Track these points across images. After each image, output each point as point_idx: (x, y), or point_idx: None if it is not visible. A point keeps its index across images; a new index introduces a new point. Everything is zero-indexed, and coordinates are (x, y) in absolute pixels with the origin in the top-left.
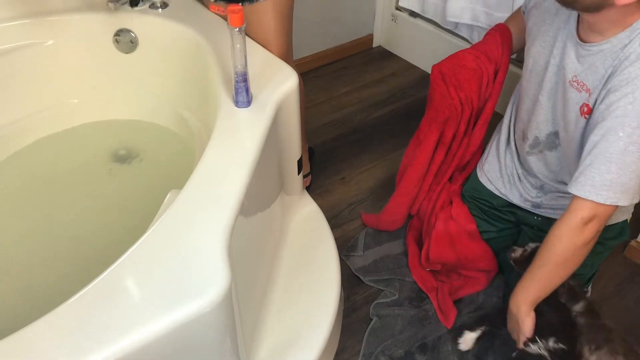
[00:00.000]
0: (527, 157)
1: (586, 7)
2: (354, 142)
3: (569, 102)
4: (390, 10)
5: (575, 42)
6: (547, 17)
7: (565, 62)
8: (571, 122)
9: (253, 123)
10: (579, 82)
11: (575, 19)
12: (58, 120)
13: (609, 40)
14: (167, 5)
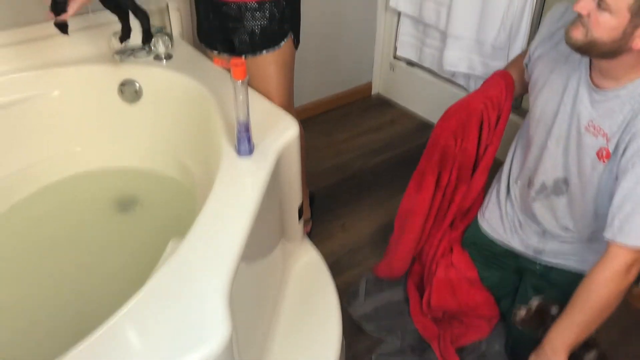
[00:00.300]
0: (532, 203)
1: (603, 53)
2: (354, 188)
3: (584, 147)
4: (388, 59)
5: (589, 88)
6: (555, 66)
7: (579, 108)
8: (586, 168)
9: (254, 172)
10: (595, 127)
11: (586, 65)
12: (61, 169)
13: (625, 86)
14: (172, 56)
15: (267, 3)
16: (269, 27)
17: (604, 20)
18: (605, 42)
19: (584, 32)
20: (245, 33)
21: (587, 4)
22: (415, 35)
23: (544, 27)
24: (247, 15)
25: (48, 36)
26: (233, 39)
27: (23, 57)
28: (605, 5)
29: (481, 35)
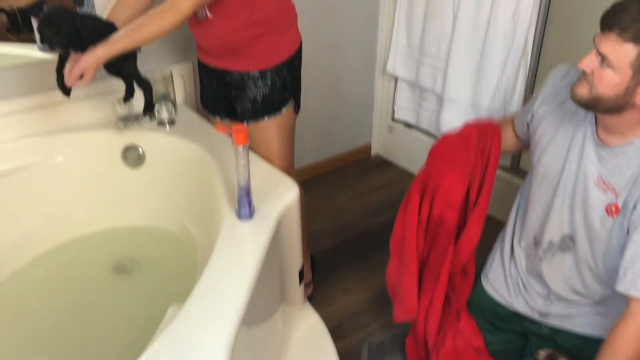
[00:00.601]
0: (540, 263)
1: (608, 108)
2: (355, 249)
3: (592, 203)
4: (386, 121)
5: (595, 144)
6: (560, 124)
7: (586, 164)
8: (595, 223)
9: (255, 236)
10: (605, 183)
11: (591, 121)
12: (62, 233)
13: (632, 142)
14: (175, 122)
15: (268, 72)
16: (270, 94)
17: (607, 77)
18: (610, 98)
19: (588, 89)
20: (247, 101)
21: (590, 62)
22: (412, 98)
23: (547, 87)
24: (250, 83)
25: (54, 104)
26: (236, 106)
27: (29, 124)
28: (608, 63)
29: (477, 99)
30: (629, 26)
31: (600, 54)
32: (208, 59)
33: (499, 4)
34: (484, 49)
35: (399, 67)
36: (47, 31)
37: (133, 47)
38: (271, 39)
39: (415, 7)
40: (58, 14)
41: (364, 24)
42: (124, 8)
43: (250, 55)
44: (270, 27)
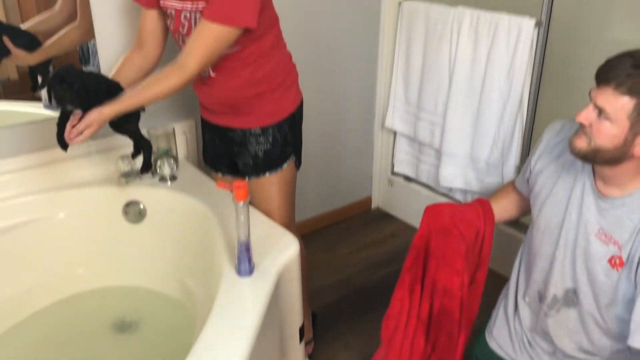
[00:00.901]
0: (546, 319)
1: (607, 160)
2: (356, 305)
3: (593, 256)
4: (386, 175)
5: (595, 196)
6: (558, 177)
7: (586, 216)
8: (598, 276)
9: (254, 293)
10: (606, 235)
11: (589, 173)
12: (62, 289)
13: (631, 193)
14: (176, 178)
15: (270, 128)
16: (271, 150)
17: (606, 129)
18: (608, 149)
19: (587, 141)
20: (249, 157)
21: (588, 115)
22: (412, 152)
23: (543, 141)
24: (252, 140)
25: (56, 161)
26: (237, 162)
27: (32, 181)
28: (605, 115)
29: (475, 153)
30: (625, 80)
31: (597, 107)
32: (211, 116)
33: (494, 61)
34: (481, 104)
35: (398, 122)
36: (59, 88)
37: (140, 106)
38: (273, 97)
39: (412, 64)
40: (68, 71)
41: (363, 81)
42: (130, 68)
43: (252, 113)
44: (272, 86)
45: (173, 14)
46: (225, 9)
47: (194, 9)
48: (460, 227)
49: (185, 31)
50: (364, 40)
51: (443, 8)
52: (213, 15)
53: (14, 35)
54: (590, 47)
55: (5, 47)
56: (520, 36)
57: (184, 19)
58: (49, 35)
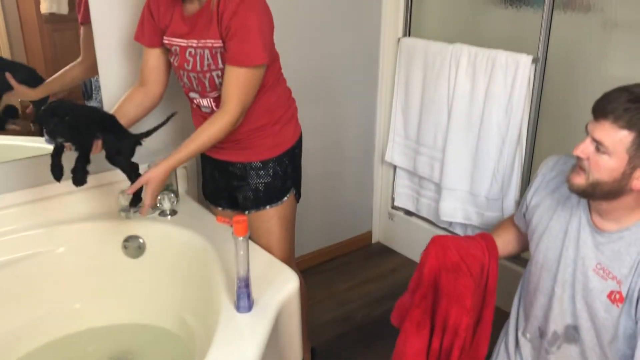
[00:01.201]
0: (547, 356)
1: (606, 194)
2: (357, 341)
3: (592, 291)
4: (386, 209)
5: (591, 230)
6: (553, 212)
7: (584, 251)
8: (598, 311)
9: (253, 329)
10: (604, 270)
11: (585, 208)
12: (60, 326)
13: (628, 227)
14: (176, 212)
15: (270, 162)
16: (272, 184)
17: (604, 162)
18: (607, 182)
19: (585, 177)
20: (249, 190)
21: (586, 148)
22: (412, 186)
23: (538, 177)
24: (252, 173)
25: (56, 195)
26: (237, 196)
27: (33, 215)
28: (604, 149)
29: (474, 187)
30: (623, 114)
31: (595, 140)
32: (211, 151)
33: (492, 97)
34: (480, 139)
35: (397, 156)
36: (50, 121)
37: (192, 156)
38: (273, 130)
39: (411, 99)
40: (59, 105)
41: (363, 115)
42: (130, 104)
43: (252, 147)
44: (272, 120)
45: (178, 50)
46: (241, 53)
47: (200, 46)
48: (467, 263)
49: (190, 67)
50: (364, 75)
51: (441, 45)
52: (234, 61)
53: (16, 70)
54: (586, 83)
55: (7, 82)
56: (517, 72)
57: (188, 56)
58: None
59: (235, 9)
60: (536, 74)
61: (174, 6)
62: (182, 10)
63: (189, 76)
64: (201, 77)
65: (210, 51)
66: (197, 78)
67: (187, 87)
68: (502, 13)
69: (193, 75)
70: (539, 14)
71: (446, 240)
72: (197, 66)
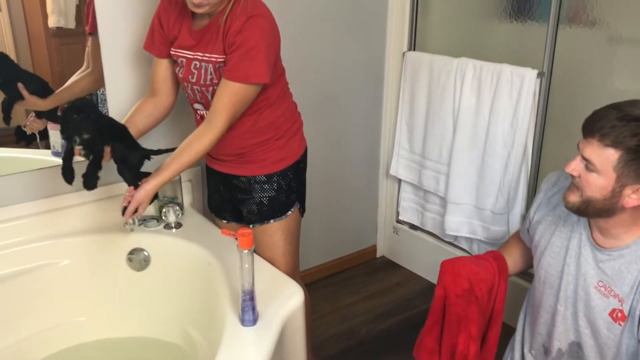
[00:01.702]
0: None
1: (599, 211)
2: (361, 356)
3: (594, 308)
4: (391, 223)
5: (592, 248)
6: (555, 229)
7: (585, 268)
8: (601, 329)
9: (258, 343)
10: (606, 288)
11: (585, 225)
12: (63, 338)
13: (628, 245)
14: (181, 225)
15: (274, 176)
16: (276, 198)
17: (593, 180)
18: (598, 200)
19: (579, 194)
20: (254, 204)
21: (576, 166)
22: (417, 200)
23: (541, 193)
24: (256, 187)
25: (61, 208)
26: (242, 209)
27: (38, 227)
28: (592, 167)
29: (480, 201)
30: (609, 132)
31: (584, 158)
32: (215, 165)
33: (497, 111)
34: (485, 153)
35: (402, 170)
36: (75, 118)
37: (180, 172)
38: (277, 145)
39: (416, 112)
40: (83, 103)
41: (368, 129)
42: (140, 114)
43: (257, 161)
44: (277, 134)
45: (184, 62)
46: (241, 69)
47: (204, 59)
48: (476, 289)
49: (194, 80)
50: (369, 88)
51: (446, 59)
52: (231, 75)
53: (29, 81)
54: (592, 98)
55: (19, 92)
56: (523, 86)
57: (193, 68)
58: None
59: (241, 26)
60: (541, 88)
61: (183, 18)
62: (191, 23)
63: (193, 88)
64: (204, 90)
65: (214, 65)
66: (200, 91)
67: (192, 98)
68: (507, 27)
69: (197, 88)
70: (544, 28)
71: (458, 267)
72: (201, 79)
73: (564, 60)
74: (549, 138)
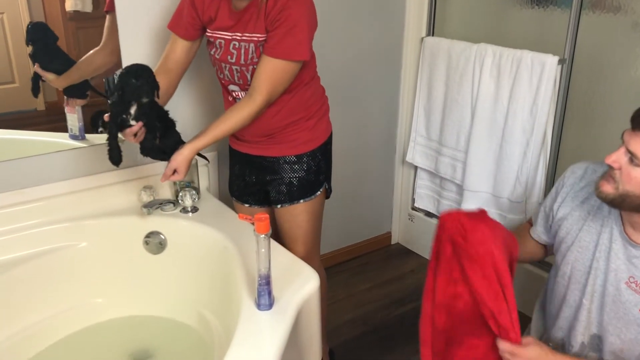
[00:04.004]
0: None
1: (636, 206)
2: (376, 342)
3: (624, 304)
4: (407, 210)
5: (624, 243)
6: (583, 223)
7: (616, 263)
8: (630, 325)
9: (274, 327)
10: (637, 284)
11: (617, 219)
12: (81, 319)
13: None
14: (198, 209)
15: (304, 156)
16: (306, 178)
17: (637, 175)
18: (638, 196)
19: (615, 186)
20: (283, 184)
21: (619, 158)
22: (432, 188)
23: (565, 186)
24: (286, 167)
25: (79, 191)
26: (270, 190)
27: (55, 210)
28: (638, 162)
29: (497, 189)
30: None
31: (629, 151)
32: (242, 147)
33: (517, 98)
34: (503, 141)
35: (418, 157)
36: (134, 82)
37: (216, 140)
38: (307, 125)
39: (433, 99)
40: (140, 67)
41: (384, 115)
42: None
43: (287, 141)
44: (308, 115)
45: (222, 43)
46: (284, 45)
47: (244, 39)
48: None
49: (234, 60)
50: (386, 74)
51: (465, 44)
52: (273, 52)
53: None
54: (614, 85)
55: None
56: (543, 73)
57: (232, 49)
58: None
59: (285, 4)
60: (562, 75)
61: (220, 0)
62: (230, 4)
63: (232, 69)
64: (244, 70)
65: (255, 44)
66: (239, 71)
67: (228, 79)
68: (528, 13)
69: (236, 68)
70: (566, 14)
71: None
72: (241, 59)
73: (586, 47)
74: (568, 126)
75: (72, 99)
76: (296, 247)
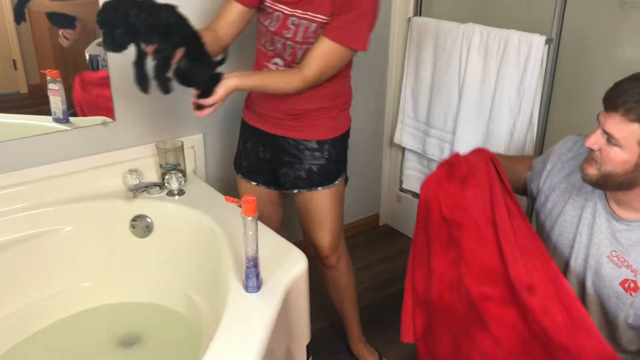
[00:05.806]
0: None
1: (619, 184)
2: (364, 323)
3: (604, 277)
4: (394, 191)
5: (608, 217)
6: (569, 197)
7: (599, 237)
8: (609, 298)
9: (262, 309)
10: (619, 258)
11: (600, 195)
12: (68, 305)
13: None
14: (184, 192)
15: (326, 144)
16: (326, 166)
17: (615, 155)
18: (619, 174)
19: (597, 167)
20: (302, 170)
21: (597, 140)
22: (420, 169)
23: (553, 155)
24: (307, 153)
25: (64, 174)
26: (286, 172)
27: (39, 194)
28: (615, 141)
29: None
30: (634, 106)
31: (605, 132)
32: (262, 124)
33: (504, 78)
34: (491, 121)
35: (406, 138)
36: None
37: (260, 90)
38: (331, 114)
39: (421, 79)
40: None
41: (372, 96)
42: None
43: (310, 125)
44: (333, 105)
45: (280, 17)
46: (345, 31)
47: (306, 17)
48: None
49: (290, 35)
50: (373, 55)
51: (452, 24)
52: (334, 34)
53: None
54: (601, 65)
55: None
56: (530, 53)
57: (290, 24)
58: None
59: None
60: (549, 54)
61: None
62: None
63: (285, 44)
64: (297, 48)
65: (318, 25)
66: (292, 47)
67: (275, 52)
68: None
69: (290, 44)
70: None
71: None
72: (298, 36)
73: (573, 27)
74: (555, 106)
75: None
76: (322, 232)
